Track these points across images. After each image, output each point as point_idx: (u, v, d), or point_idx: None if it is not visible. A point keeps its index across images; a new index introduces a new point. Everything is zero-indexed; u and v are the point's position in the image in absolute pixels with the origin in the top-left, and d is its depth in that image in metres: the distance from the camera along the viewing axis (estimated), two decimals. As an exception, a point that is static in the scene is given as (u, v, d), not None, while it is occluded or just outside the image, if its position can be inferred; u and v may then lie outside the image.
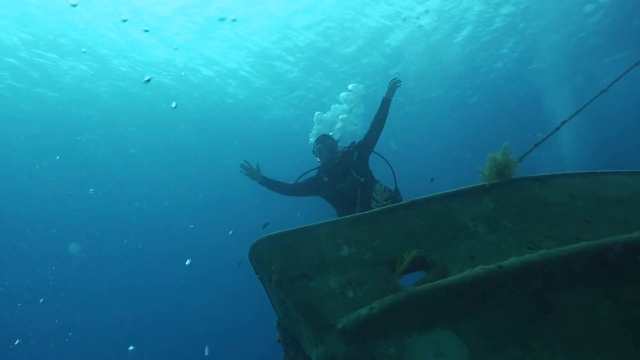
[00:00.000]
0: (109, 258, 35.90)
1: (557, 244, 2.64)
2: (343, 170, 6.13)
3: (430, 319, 2.48)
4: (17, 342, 32.03)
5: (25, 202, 29.94)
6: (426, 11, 16.18)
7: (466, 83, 22.42)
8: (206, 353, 34.13)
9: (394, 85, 6.31)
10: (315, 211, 6.76)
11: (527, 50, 19.86)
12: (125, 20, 15.53)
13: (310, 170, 6.47)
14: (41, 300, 33.71)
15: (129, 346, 33.82)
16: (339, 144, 6.57)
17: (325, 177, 6.20)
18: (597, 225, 2.85)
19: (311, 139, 6.69)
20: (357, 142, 6.35)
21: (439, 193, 2.94)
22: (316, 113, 7.05)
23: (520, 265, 2.46)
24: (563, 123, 3.46)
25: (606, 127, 25.46)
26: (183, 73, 18.67)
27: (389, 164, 6.31)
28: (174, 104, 20.81)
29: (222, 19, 15.20)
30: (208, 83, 19.85)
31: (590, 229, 2.82)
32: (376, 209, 2.84)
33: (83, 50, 16.44)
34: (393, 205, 2.84)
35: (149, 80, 18.35)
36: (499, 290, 2.49)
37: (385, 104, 6.26)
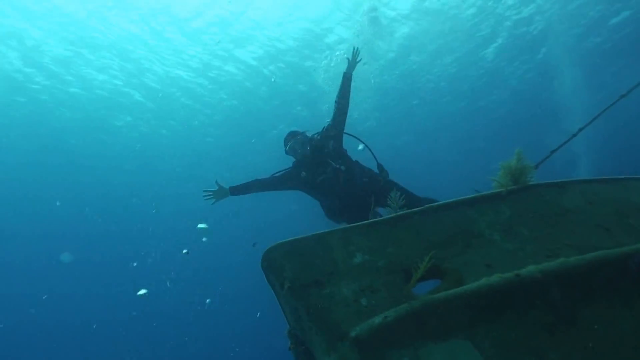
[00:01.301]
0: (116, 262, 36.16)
1: (576, 252, 2.58)
2: (321, 162, 5.82)
3: (446, 328, 2.43)
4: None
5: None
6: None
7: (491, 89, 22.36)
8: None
9: (354, 59, 6.00)
10: (312, 208, 6.52)
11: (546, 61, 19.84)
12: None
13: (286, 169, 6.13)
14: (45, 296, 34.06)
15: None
16: (308, 134, 6.18)
17: (304, 173, 5.84)
18: (617, 233, 2.78)
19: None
20: (325, 127, 6.01)
21: (454, 199, 2.89)
22: None
23: (539, 274, 2.40)
24: (580, 129, 3.40)
25: (625, 131, 25.16)
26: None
27: (362, 142, 6.03)
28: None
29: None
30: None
31: (609, 237, 2.75)
32: (390, 215, 2.79)
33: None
34: (407, 211, 2.79)
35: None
36: (517, 300, 2.44)
37: (347, 79, 5.91)
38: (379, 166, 6.01)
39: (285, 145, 6.00)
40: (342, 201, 5.83)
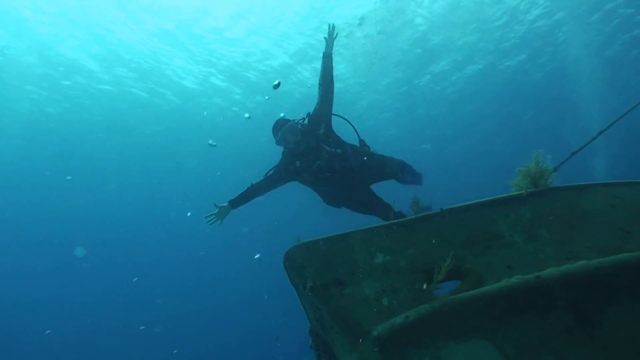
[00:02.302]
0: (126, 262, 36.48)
1: (597, 255, 2.58)
2: (314, 148, 5.59)
3: (466, 328, 2.45)
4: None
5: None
6: None
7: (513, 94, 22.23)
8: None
9: (331, 37, 5.79)
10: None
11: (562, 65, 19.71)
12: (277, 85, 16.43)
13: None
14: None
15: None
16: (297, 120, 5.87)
17: (298, 162, 5.61)
18: (638, 236, 2.78)
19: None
20: (312, 112, 5.77)
21: (475, 201, 2.91)
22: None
23: (559, 276, 2.42)
24: (600, 133, 3.39)
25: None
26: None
27: (346, 120, 5.84)
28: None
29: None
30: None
31: (631, 240, 2.75)
32: (411, 217, 2.82)
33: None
34: (428, 213, 2.82)
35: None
36: (537, 301, 2.45)
37: (327, 58, 5.70)
38: (361, 141, 5.89)
39: (275, 136, 5.67)
40: (340, 185, 5.69)
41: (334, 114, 5.81)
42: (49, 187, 28.53)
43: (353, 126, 5.86)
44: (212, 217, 5.72)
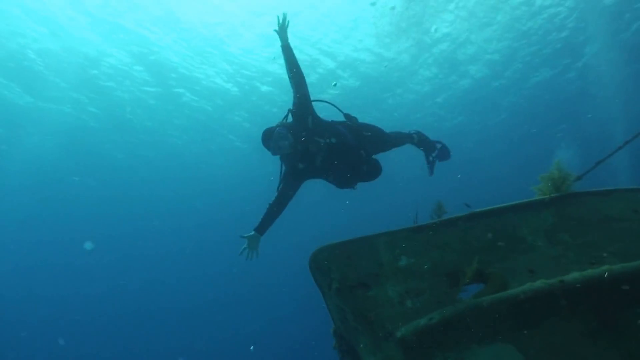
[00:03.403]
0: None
1: (621, 260, 2.60)
2: (310, 145, 5.42)
3: (490, 331, 2.49)
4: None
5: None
6: None
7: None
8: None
9: (282, 28, 5.56)
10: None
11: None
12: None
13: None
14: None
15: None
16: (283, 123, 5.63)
17: (300, 164, 5.48)
18: (662, 242, 2.79)
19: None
20: (293, 107, 5.56)
21: (498, 206, 2.95)
22: None
23: (583, 281, 2.44)
24: (627, 142, 3.39)
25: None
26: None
27: (324, 101, 5.79)
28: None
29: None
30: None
31: (655, 246, 2.77)
32: (435, 220, 2.87)
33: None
34: (451, 217, 2.86)
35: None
36: (560, 306, 2.48)
37: (286, 50, 5.50)
38: (347, 115, 5.84)
39: (268, 148, 5.44)
40: (348, 165, 5.58)
41: (316, 100, 5.66)
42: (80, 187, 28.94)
43: (333, 105, 5.78)
44: (245, 250, 5.53)
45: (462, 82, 20.23)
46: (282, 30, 5.56)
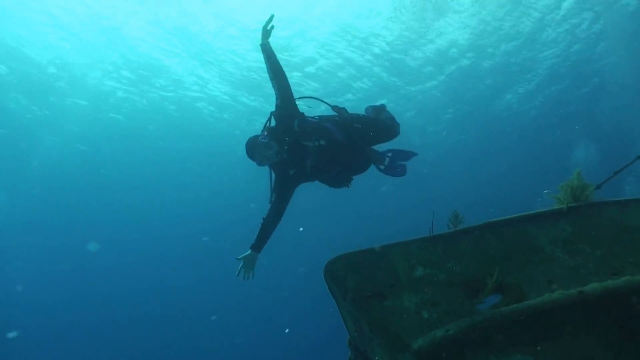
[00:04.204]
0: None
1: (641, 270, 2.56)
2: (298, 149, 5.18)
3: (508, 343, 2.46)
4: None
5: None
6: None
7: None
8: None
9: (266, 28, 5.31)
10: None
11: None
12: None
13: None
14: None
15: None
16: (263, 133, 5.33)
17: (291, 170, 5.27)
18: (684, 252, 2.74)
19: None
20: (276, 110, 5.29)
21: (515, 215, 2.91)
22: None
23: (603, 292, 2.40)
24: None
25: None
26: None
27: (310, 97, 5.57)
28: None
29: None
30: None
31: (676, 256, 2.71)
32: (451, 230, 2.84)
33: None
34: (468, 227, 2.84)
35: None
36: (580, 317, 2.44)
37: (265, 51, 5.26)
38: (335, 108, 5.62)
39: (254, 159, 5.17)
40: (340, 167, 5.39)
41: (300, 97, 5.46)
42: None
43: (320, 99, 5.62)
44: (241, 271, 5.24)
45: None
46: (265, 30, 5.34)
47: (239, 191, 29.84)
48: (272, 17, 5.34)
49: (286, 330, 34.27)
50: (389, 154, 5.78)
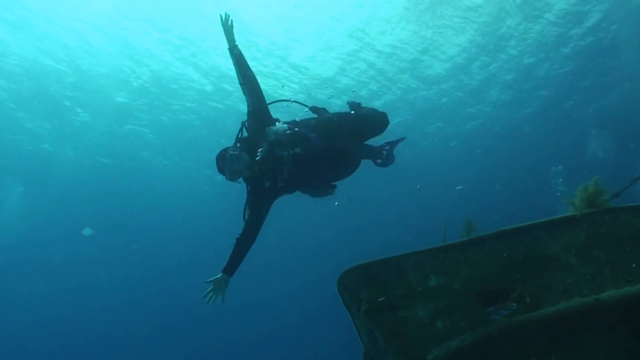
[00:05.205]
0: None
1: (658, 277, 2.53)
2: (272, 160, 4.70)
3: (524, 352, 2.44)
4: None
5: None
6: None
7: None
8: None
9: (227, 29, 5.03)
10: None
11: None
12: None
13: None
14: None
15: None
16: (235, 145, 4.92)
17: (266, 183, 4.80)
18: (700, 258, 2.71)
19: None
20: (248, 118, 4.98)
21: (528, 223, 2.89)
22: None
23: (620, 299, 2.39)
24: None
25: None
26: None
27: (286, 100, 5.36)
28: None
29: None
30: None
31: (693, 262, 2.68)
32: (464, 239, 2.83)
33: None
34: (481, 235, 2.82)
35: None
36: (597, 324, 2.42)
37: (234, 54, 5.00)
38: (313, 109, 5.38)
39: (225, 175, 4.75)
40: (320, 175, 5.07)
41: (272, 102, 5.17)
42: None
43: (296, 101, 5.42)
44: (210, 294, 4.79)
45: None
46: (226, 32, 5.03)
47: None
48: (227, 15, 5.08)
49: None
50: (387, 147, 5.63)
